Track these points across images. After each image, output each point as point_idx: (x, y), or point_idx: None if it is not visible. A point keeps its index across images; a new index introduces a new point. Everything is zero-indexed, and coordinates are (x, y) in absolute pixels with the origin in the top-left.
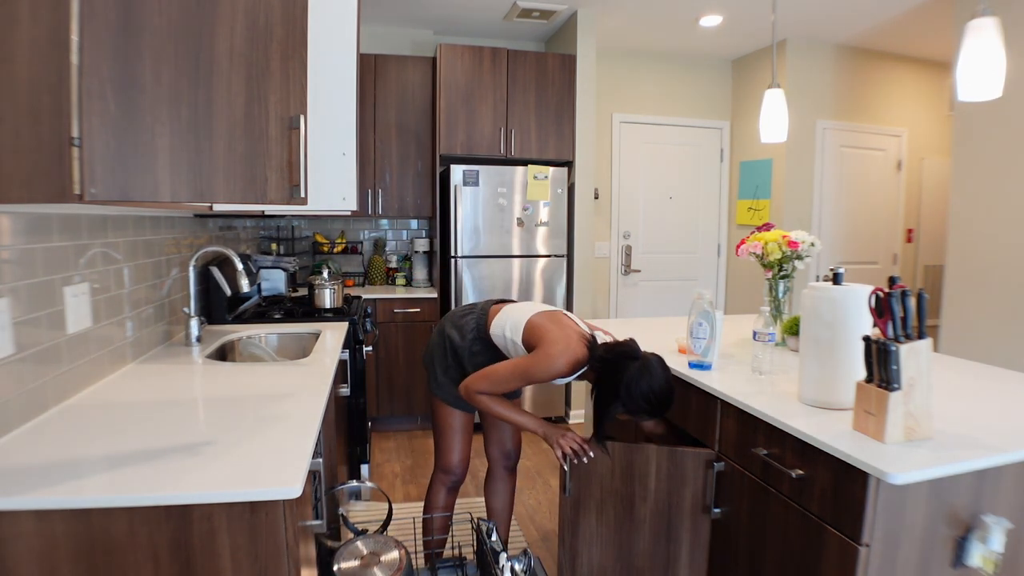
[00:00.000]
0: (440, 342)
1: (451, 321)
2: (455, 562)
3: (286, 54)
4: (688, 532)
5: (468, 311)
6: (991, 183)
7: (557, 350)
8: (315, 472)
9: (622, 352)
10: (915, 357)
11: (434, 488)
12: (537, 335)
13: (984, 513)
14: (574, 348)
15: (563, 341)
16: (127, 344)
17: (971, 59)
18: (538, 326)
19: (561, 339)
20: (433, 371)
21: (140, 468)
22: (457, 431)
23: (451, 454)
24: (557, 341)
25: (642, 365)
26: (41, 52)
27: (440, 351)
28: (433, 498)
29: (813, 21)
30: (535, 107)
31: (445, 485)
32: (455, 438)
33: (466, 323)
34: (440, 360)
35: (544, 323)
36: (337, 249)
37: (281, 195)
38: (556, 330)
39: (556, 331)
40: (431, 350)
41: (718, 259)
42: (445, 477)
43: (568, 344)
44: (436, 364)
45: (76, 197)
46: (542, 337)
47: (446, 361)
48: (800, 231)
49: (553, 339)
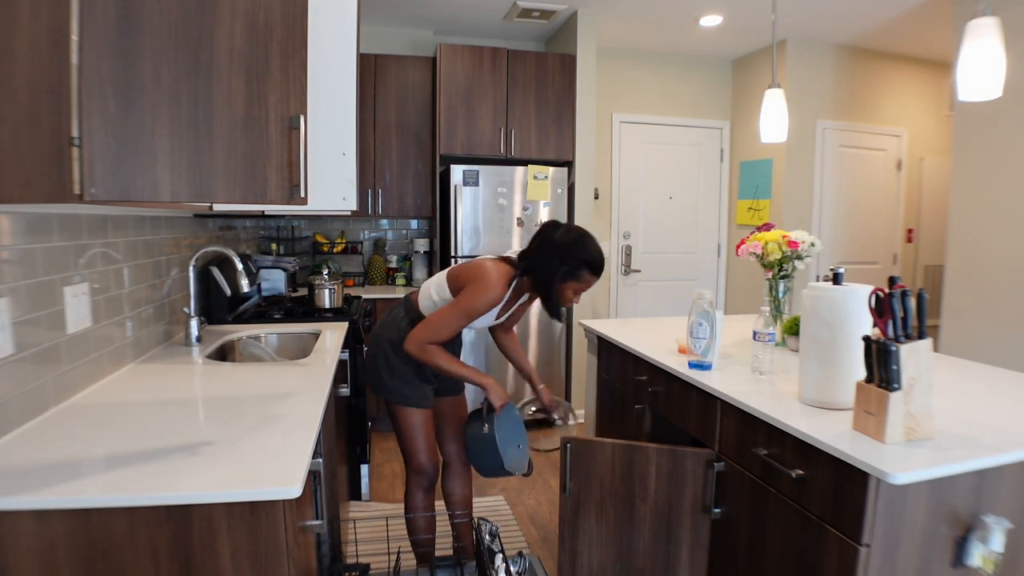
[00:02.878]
0: (378, 351)
1: (381, 325)
2: (454, 561)
3: (286, 54)
4: (688, 532)
5: (394, 308)
6: (991, 183)
7: (488, 274)
8: (315, 472)
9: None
10: (915, 357)
11: (411, 492)
12: (462, 276)
13: (984, 513)
14: (497, 266)
15: (482, 266)
16: (127, 344)
17: (971, 59)
18: (456, 270)
19: (480, 265)
20: (380, 381)
21: (140, 468)
22: (419, 429)
23: (419, 454)
24: (479, 268)
25: (566, 227)
26: (41, 52)
27: (381, 358)
28: (411, 501)
29: (813, 21)
30: (535, 107)
31: (421, 487)
32: (419, 437)
33: (396, 317)
34: (384, 366)
35: (459, 266)
36: (337, 249)
37: (281, 195)
38: (473, 264)
39: (473, 264)
40: (372, 366)
41: (718, 259)
42: (419, 478)
43: (495, 266)
44: (381, 373)
45: (76, 197)
46: (464, 273)
47: (389, 363)
48: (800, 231)
49: (475, 270)
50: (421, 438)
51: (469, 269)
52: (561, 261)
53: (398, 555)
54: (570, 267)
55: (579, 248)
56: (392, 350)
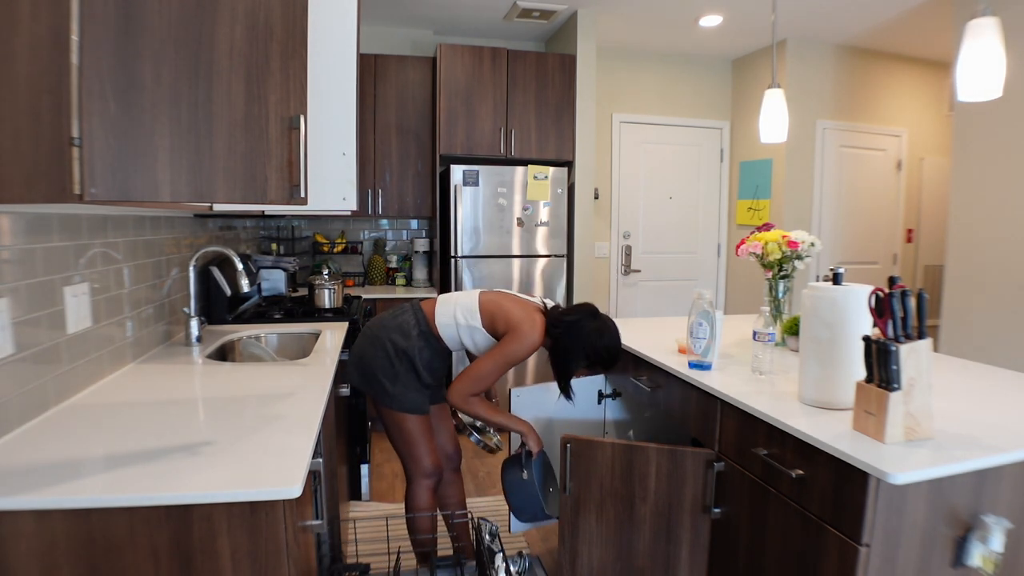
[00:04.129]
0: (379, 352)
1: (383, 328)
2: (454, 561)
3: (286, 54)
4: (688, 532)
5: (398, 312)
6: (991, 183)
7: (527, 327)
8: (315, 472)
9: (584, 312)
10: (915, 357)
11: (417, 494)
12: (500, 316)
13: (984, 513)
14: (538, 320)
15: (527, 316)
16: (127, 344)
17: (971, 59)
18: (496, 305)
19: (525, 315)
20: (379, 385)
21: (140, 468)
22: (423, 434)
23: (426, 458)
24: (523, 318)
25: (601, 323)
26: (41, 52)
27: (383, 361)
28: (417, 503)
29: (813, 21)
30: (535, 107)
31: (429, 488)
32: (423, 441)
33: (404, 323)
34: (385, 371)
35: (499, 302)
36: (337, 249)
37: (281, 195)
38: (516, 308)
39: (516, 309)
40: (365, 366)
41: (718, 259)
42: (428, 481)
43: (532, 318)
44: (381, 377)
45: (76, 197)
46: (506, 318)
47: (393, 369)
48: (800, 231)
49: (519, 317)
50: (426, 442)
51: (507, 312)
52: (586, 355)
53: (398, 555)
54: (592, 361)
55: (606, 349)
56: (397, 356)
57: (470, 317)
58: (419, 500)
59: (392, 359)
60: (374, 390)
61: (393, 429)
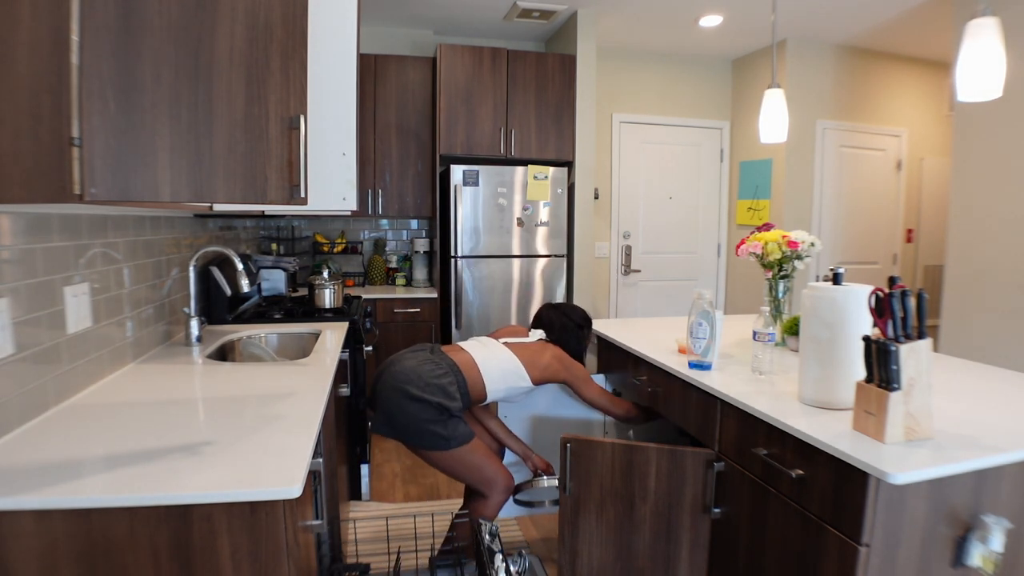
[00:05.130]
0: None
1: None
2: (454, 561)
3: (286, 54)
4: (688, 532)
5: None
6: (991, 183)
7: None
8: (315, 472)
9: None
10: (915, 357)
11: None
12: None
13: (984, 513)
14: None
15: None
16: (127, 344)
17: (971, 59)
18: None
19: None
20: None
21: (140, 468)
22: (487, 454)
23: (501, 472)
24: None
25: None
26: (41, 52)
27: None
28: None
29: (813, 21)
30: (535, 107)
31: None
32: (491, 460)
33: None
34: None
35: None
36: (337, 249)
37: (281, 195)
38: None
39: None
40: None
41: (718, 259)
42: (505, 496)
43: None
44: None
45: (76, 197)
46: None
47: (443, 418)
48: (800, 231)
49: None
50: (493, 459)
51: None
52: (579, 327)
53: (398, 555)
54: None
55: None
56: (440, 410)
57: (520, 380)
58: (488, 511)
59: (441, 411)
60: (430, 443)
61: (459, 466)
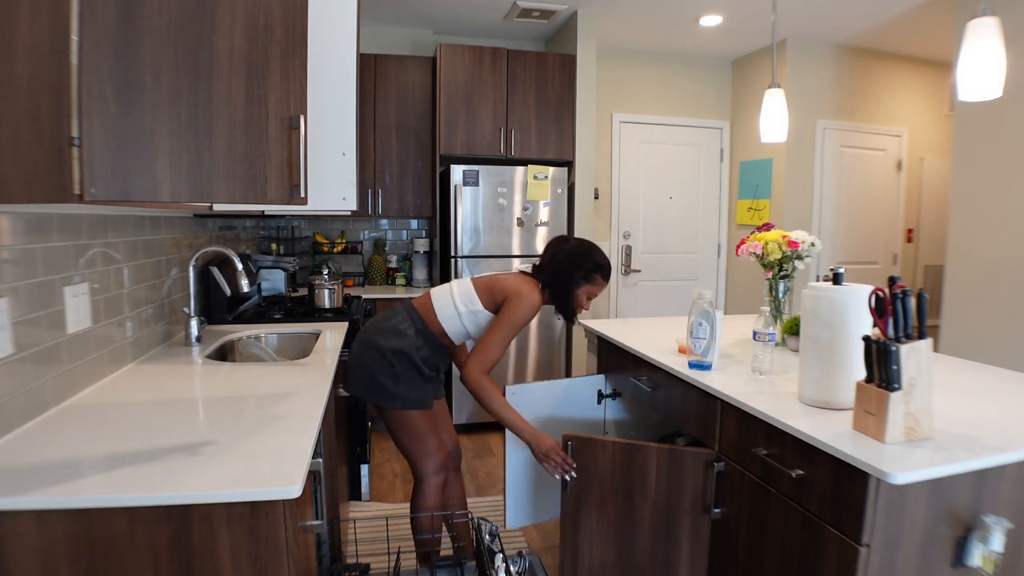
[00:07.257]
0: (376, 356)
1: (378, 331)
2: (454, 561)
3: (286, 54)
4: (688, 532)
5: (391, 315)
6: (991, 183)
7: (525, 288)
8: (315, 472)
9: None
10: (915, 357)
11: (427, 492)
12: (497, 290)
13: (984, 513)
14: (528, 280)
15: (521, 280)
16: (127, 344)
17: (971, 59)
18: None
19: (519, 281)
20: (381, 387)
21: (140, 468)
22: (430, 429)
23: (436, 453)
24: (518, 283)
25: (575, 239)
26: (41, 52)
27: (381, 364)
28: (426, 502)
29: (813, 21)
30: (535, 107)
31: (439, 487)
32: (431, 436)
33: (399, 324)
34: (385, 372)
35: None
36: (337, 249)
37: (281, 195)
38: (508, 277)
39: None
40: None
41: (718, 259)
42: (437, 479)
43: (524, 280)
44: (382, 379)
45: (76, 197)
46: (502, 289)
47: (393, 370)
48: (800, 231)
49: (514, 283)
50: (433, 437)
51: (502, 284)
52: (577, 267)
53: (398, 555)
54: (586, 271)
55: (590, 256)
56: (395, 357)
57: (469, 302)
58: (428, 499)
59: (391, 362)
60: (376, 394)
61: (399, 429)
